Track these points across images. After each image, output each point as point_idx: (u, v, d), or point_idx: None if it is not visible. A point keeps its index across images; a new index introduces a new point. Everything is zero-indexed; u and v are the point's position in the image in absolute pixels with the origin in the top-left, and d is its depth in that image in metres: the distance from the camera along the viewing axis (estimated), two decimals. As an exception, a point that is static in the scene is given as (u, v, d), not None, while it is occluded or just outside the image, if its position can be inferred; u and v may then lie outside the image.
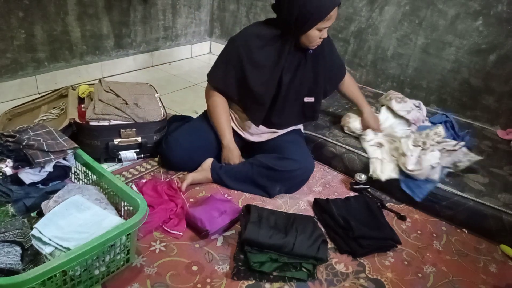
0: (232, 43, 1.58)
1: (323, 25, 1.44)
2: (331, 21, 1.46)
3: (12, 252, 1.02)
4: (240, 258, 1.27)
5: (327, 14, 1.41)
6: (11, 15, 1.98)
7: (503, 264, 1.45)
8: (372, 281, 1.29)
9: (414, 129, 1.90)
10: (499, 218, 1.52)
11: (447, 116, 2.06)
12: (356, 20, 2.63)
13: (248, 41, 1.55)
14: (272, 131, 1.74)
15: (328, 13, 1.41)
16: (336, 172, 1.88)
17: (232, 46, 1.58)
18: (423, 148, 1.66)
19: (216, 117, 1.67)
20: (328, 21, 1.44)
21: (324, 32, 1.48)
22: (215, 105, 1.66)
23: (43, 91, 2.21)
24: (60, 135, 1.33)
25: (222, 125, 1.66)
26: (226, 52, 1.61)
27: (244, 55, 1.55)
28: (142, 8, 2.65)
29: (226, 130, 1.66)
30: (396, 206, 1.69)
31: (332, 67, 1.73)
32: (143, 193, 1.48)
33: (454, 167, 1.69)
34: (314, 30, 1.45)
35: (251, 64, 1.55)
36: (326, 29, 1.48)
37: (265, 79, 1.56)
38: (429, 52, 2.42)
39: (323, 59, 1.64)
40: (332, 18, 1.45)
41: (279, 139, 1.72)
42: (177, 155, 1.65)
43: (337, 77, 1.82)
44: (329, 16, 1.42)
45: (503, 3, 2.11)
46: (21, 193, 1.21)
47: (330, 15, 1.42)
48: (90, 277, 1.06)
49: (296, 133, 1.80)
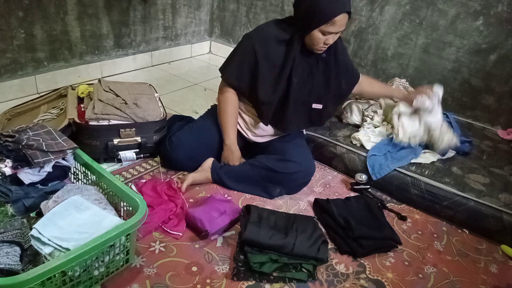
0: (248, 39, 1.56)
1: (327, 28, 1.41)
2: (337, 27, 1.42)
3: (11, 253, 1.02)
4: (240, 259, 1.27)
5: (331, 18, 1.39)
6: (11, 15, 1.98)
7: (503, 264, 1.45)
8: (373, 281, 1.28)
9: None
10: (500, 218, 1.52)
11: (448, 116, 2.06)
12: (356, 19, 2.62)
13: (264, 36, 1.54)
14: (277, 133, 1.73)
15: (332, 17, 1.39)
16: (337, 172, 1.88)
17: (248, 41, 1.56)
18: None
19: (224, 115, 1.65)
20: (333, 26, 1.41)
21: (329, 38, 1.45)
22: (227, 102, 1.64)
23: (43, 91, 2.20)
24: (60, 135, 1.33)
25: (228, 124, 1.65)
26: (241, 48, 1.58)
27: (260, 51, 1.53)
28: (141, 7, 2.65)
29: (230, 130, 1.65)
30: (396, 206, 1.68)
31: (345, 73, 1.69)
32: (142, 193, 1.48)
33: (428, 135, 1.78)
34: (318, 32, 1.43)
35: (265, 61, 1.54)
36: (333, 36, 1.45)
37: (274, 77, 1.56)
38: (430, 52, 2.42)
39: (336, 66, 1.61)
40: (338, 25, 1.41)
41: (280, 141, 1.72)
42: (181, 155, 1.65)
43: (351, 80, 1.76)
44: (334, 21, 1.39)
45: (503, 3, 2.11)
46: (20, 193, 1.20)
47: (335, 20, 1.39)
48: (90, 277, 1.05)
49: (298, 135, 1.78)
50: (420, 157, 1.78)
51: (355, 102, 2.07)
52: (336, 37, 1.48)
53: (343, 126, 2.03)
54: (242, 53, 1.57)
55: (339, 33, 1.48)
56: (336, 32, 1.45)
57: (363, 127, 1.93)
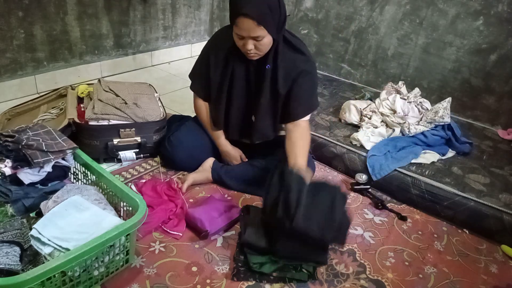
0: (205, 46, 1.57)
1: (237, 31, 1.30)
2: (243, 31, 1.28)
3: (11, 253, 1.01)
4: (240, 259, 1.26)
5: (232, 20, 1.30)
6: (10, 15, 1.98)
7: (503, 264, 1.45)
8: (373, 281, 1.28)
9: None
10: (500, 219, 1.52)
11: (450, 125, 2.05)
12: (356, 19, 2.62)
13: (215, 42, 1.53)
14: None
15: (232, 20, 1.30)
16: (337, 172, 1.87)
17: (204, 49, 1.57)
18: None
19: (204, 124, 1.67)
20: (238, 29, 1.29)
21: (247, 44, 1.31)
22: (200, 111, 1.65)
23: (43, 91, 2.20)
24: (59, 135, 1.33)
25: (211, 130, 1.65)
26: (200, 56, 1.58)
27: (212, 57, 1.50)
28: (141, 7, 2.65)
29: (216, 135, 1.65)
30: (397, 206, 1.68)
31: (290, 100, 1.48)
32: (142, 194, 1.47)
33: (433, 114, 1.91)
34: (235, 35, 1.34)
35: (215, 66, 1.50)
36: (250, 41, 1.30)
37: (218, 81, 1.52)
38: (430, 52, 2.41)
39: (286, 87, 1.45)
40: (241, 28, 1.27)
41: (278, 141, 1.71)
42: (181, 155, 1.65)
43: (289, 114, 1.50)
44: (236, 23, 1.28)
45: (504, 3, 2.10)
46: (20, 193, 1.20)
47: (237, 22, 1.28)
48: (89, 277, 1.05)
49: None
50: (420, 157, 1.78)
51: (353, 102, 2.07)
52: (256, 43, 1.31)
53: (343, 126, 2.02)
54: (200, 61, 1.58)
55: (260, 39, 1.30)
56: (250, 37, 1.29)
57: (362, 127, 1.93)
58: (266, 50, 1.37)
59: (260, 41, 1.31)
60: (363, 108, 2.03)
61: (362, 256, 1.38)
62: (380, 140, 1.86)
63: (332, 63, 2.84)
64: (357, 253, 1.39)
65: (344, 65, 2.79)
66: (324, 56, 2.83)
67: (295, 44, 1.45)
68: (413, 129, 1.88)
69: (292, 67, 1.44)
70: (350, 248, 1.41)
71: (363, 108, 2.03)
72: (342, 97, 2.37)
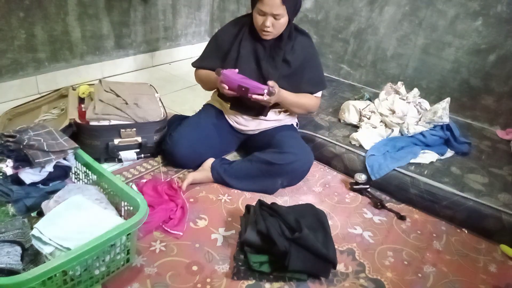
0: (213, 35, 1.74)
1: (261, 7, 1.46)
2: (268, 7, 1.44)
3: (12, 252, 1.02)
4: (240, 258, 1.27)
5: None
6: (11, 15, 1.98)
7: (502, 264, 1.45)
8: (372, 281, 1.29)
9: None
10: (499, 218, 1.52)
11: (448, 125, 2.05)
12: (356, 20, 2.63)
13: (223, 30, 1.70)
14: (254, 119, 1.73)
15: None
16: (336, 172, 1.88)
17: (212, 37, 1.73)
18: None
19: (204, 76, 1.73)
20: (262, 4, 1.44)
21: (266, 20, 1.47)
22: (198, 73, 1.76)
23: (44, 91, 2.20)
24: (61, 135, 1.33)
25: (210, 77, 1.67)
26: (208, 44, 1.74)
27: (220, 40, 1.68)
28: (142, 8, 2.65)
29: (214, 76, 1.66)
30: (396, 206, 1.69)
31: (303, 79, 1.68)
32: (143, 193, 1.48)
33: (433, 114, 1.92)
34: (255, 13, 1.50)
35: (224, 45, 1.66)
36: (270, 19, 1.47)
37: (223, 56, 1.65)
38: (429, 52, 2.42)
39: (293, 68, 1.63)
40: (267, 4, 1.43)
41: (274, 135, 1.72)
42: (182, 150, 1.65)
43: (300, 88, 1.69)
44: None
45: (503, 3, 2.11)
46: (22, 193, 1.21)
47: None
48: (90, 277, 1.06)
49: (290, 129, 1.80)
50: (419, 157, 1.79)
51: (352, 102, 2.08)
52: (274, 22, 1.48)
53: (342, 126, 2.03)
54: (209, 46, 1.74)
55: (279, 18, 1.47)
56: (272, 14, 1.46)
57: (361, 127, 1.94)
58: (281, 30, 1.54)
59: (279, 20, 1.49)
60: (362, 108, 2.03)
61: (362, 255, 1.39)
62: (379, 140, 1.87)
63: (331, 63, 2.84)
64: (356, 253, 1.40)
65: (344, 66, 2.80)
66: (323, 56, 2.84)
67: (302, 31, 1.67)
68: (412, 129, 1.89)
69: (302, 48, 1.64)
70: (349, 248, 1.42)
71: (362, 108, 2.03)
72: (341, 98, 2.38)
